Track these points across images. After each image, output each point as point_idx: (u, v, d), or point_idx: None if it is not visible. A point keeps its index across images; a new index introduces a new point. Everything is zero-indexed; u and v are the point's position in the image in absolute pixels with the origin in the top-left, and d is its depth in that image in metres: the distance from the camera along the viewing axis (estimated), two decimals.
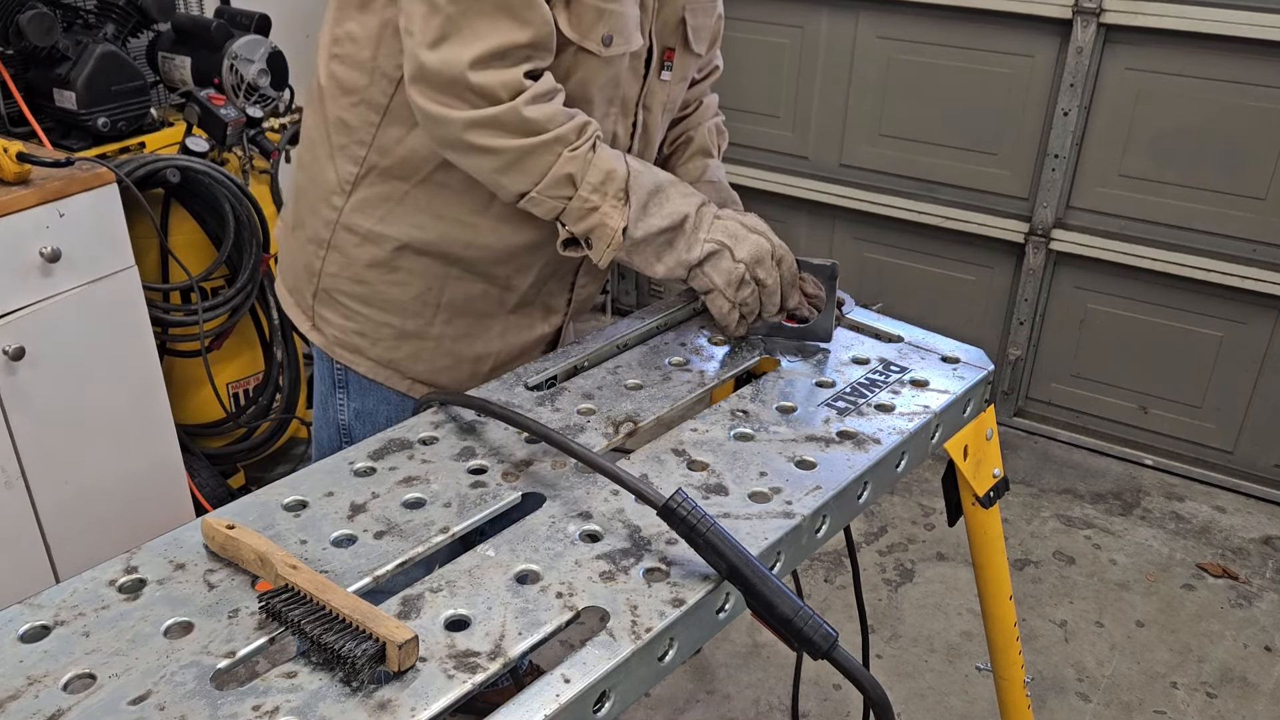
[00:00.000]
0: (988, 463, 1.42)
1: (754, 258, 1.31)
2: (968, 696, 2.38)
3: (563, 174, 1.26)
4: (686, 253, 1.31)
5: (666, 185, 1.32)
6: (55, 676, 0.83)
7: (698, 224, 1.32)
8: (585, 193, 1.27)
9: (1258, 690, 2.42)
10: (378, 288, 1.43)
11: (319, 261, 1.45)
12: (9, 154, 1.99)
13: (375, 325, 1.45)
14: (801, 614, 0.91)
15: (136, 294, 2.25)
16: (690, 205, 1.32)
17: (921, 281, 3.41)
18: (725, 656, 2.48)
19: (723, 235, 1.32)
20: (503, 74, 1.21)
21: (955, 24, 3.05)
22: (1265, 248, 2.87)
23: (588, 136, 1.27)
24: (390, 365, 1.47)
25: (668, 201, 1.31)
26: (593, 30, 1.27)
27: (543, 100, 1.24)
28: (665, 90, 1.46)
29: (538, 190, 1.27)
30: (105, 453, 2.28)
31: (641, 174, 1.30)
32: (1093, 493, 3.11)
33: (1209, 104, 2.80)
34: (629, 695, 0.89)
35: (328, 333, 1.48)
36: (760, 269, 1.32)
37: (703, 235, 1.31)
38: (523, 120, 1.22)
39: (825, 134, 3.40)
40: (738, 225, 1.33)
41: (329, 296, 1.46)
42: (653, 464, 1.13)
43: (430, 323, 1.45)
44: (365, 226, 1.40)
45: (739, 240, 1.32)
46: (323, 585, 0.88)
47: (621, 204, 1.28)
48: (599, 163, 1.27)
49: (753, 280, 1.32)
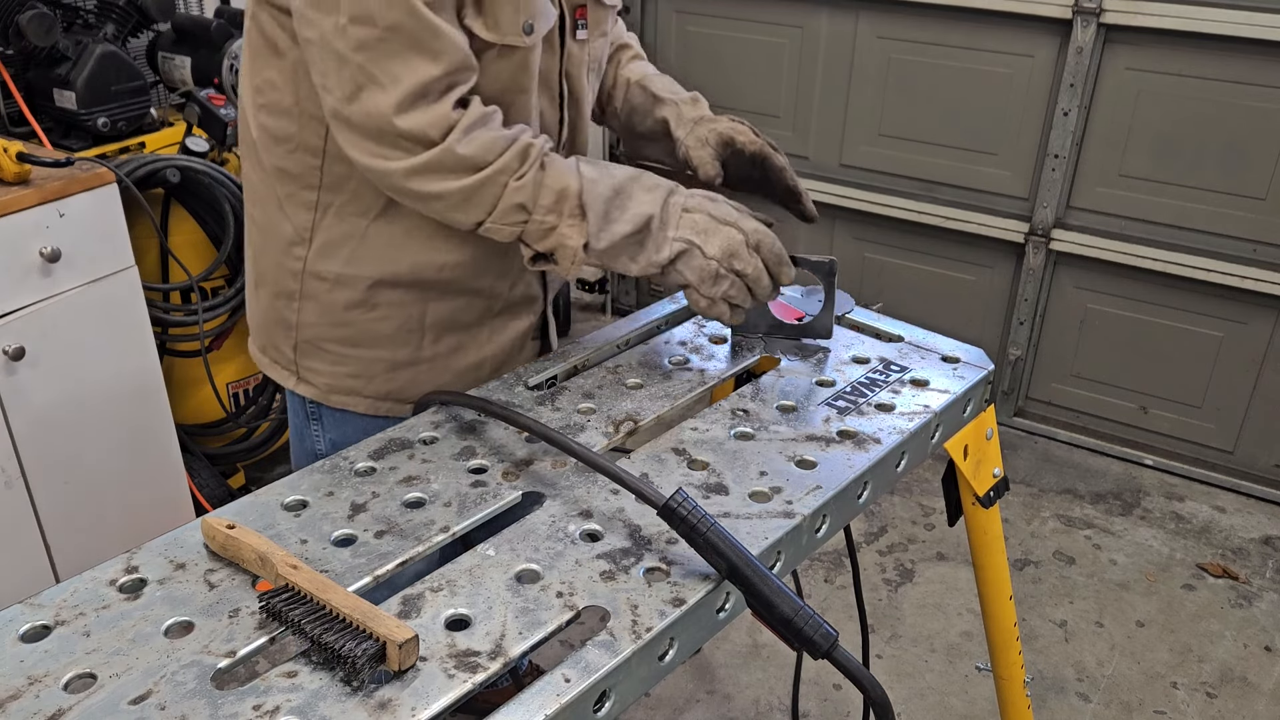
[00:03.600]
0: (988, 462, 1.42)
1: (726, 252, 1.25)
2: (968, 696, 2.38)
3: (512, 204, 1.22)
4: (656, 254, 1.26)
5: (627, 184, 1.26)
6: (56, 676, 0.83)
7: (664, 222, 1.25)
8: (540, 215, 1.23)
9: (1258, 690, 2.42)
10: (361, 327, 1.40)
11: (293, 315, 1.41)
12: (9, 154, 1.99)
13: (367, 363, 1.42)
14: (802, 614, 0.91)
15: (136, 294, 2.25)
16: (654, 204, 1.25)
17: (921, 281, 3.41)
18: (725, 656, 2.48)
19: (690, 232, 1.25)
20: (429, 113, 1.17)
21: (955, 24, 3.05)
22: (1265, 248, 2.87)
23: (532, 159, 1.22)
24: (389, 397, 1.44)
25: (631, 202, 1.25)
26: (512, 24, 1.23)
27: (477, 129, 1.20)
28: (585, 50, 1.41)
29: (491, 220, 1.24)
30: (105, 453, 2.27)
31: (597, 182, 1.24)
32: (1093, 493, 3.11)
33: (1209, 104, 2.80)
34: (629, 695, 0.89)
35: (318, 383, 1.45)
36: (736, 261, 1.25)
37: (670, 234, 1.25)
38: (460, 159, 1.19)
39: (825, 134, 3.40)
40: (706, 218, 1.26)
41: (312, 347, 1.43)
42: (653, 463, 1.13)
43: (420, 347, 1.42)
44: (334, 270, 1.36)
45: (708, 235, 1.25)
46: (323, 585, 0.88)
47: (579, 220, 1.24)
48: (550, 182, 1.23)
49: (730, 273, 1.26)
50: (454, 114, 1.18)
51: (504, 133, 1.21)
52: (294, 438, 1.55)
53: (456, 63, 1.18)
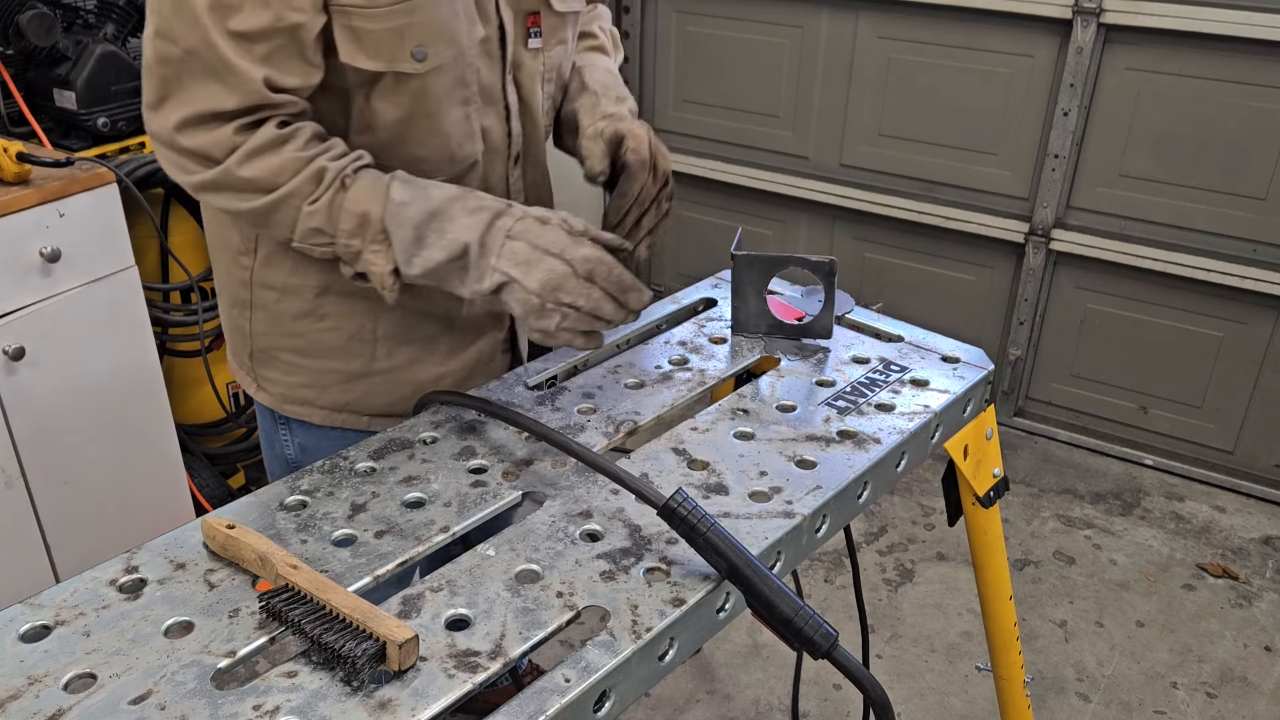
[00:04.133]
0: (988, 462, 1.42)
1: (547, 286, 1.14)
2: (968, 696, 2.38)
3: (309, 228, 1.18)
4: (478, 283, 1.17)
5: (447, 207, 1.17)
6: (56, 676, 0.83)
7: (484, 250, 1.16)
8: (343, 239, 1.18)
9: (1258, 690, 2.42)
10: (311, 337, 1.37)
11: (247, 323, 1.40)
12: (9, 154, 1.99)
13: (319, 374, 1.39)
14: (802, 614, 0.91)
15: (136, 294, 2.25)
16: (474, 229, 1.16)
17: (921, 281, 3.41)
18: (725, 656, 2.48)
19: (510, 265, 1.15)
20: (212, 135, 1.15)
21: (955, 24, 3.05)
22: (1265, 248, 2.87)
23: (327, 183, 1.16)
24: (345, 409, 1.42)
25: (450, 226, 1.16)
26: (396, 52, 1.18)
27: (263, 154, 1.15)
28: (539, 60, 1.36)
29: (296, 241, 1.20)
30: (105, 453, 2.28)
31: (407, 205, 1.16)
32: (1093, 493, 3.11)
33: (1209, 104, 2.80)
34: (629, 695, 0.89)
35: (274, 391, 1.43)
36: (562, 294, 1.14)
37: (491, 263, 1.16)
38: (243, 181, 1.16)
39: (825, 134, 3.40)
40: (528, 248, 1.15)
41: (266, 355, 1.41)
42: (653, 463, 1.13)
43: (373, 359, 1.39)
44: (280, 280, 1.34)
45: (529, 268, 1.14)
46: (323, 585, 0.88)
47: (384, 245, 1.17)
48: (350, 206, 1.16)
49: (558, 307, 1.15)
50: (238, 137, 1.15)
51: (300, 155, 1.16)
52: (264, 443, 1.53)
53: (249, 103, 1.14)
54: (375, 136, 1.25)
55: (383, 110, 1.23)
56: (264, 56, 1.13)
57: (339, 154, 1.19)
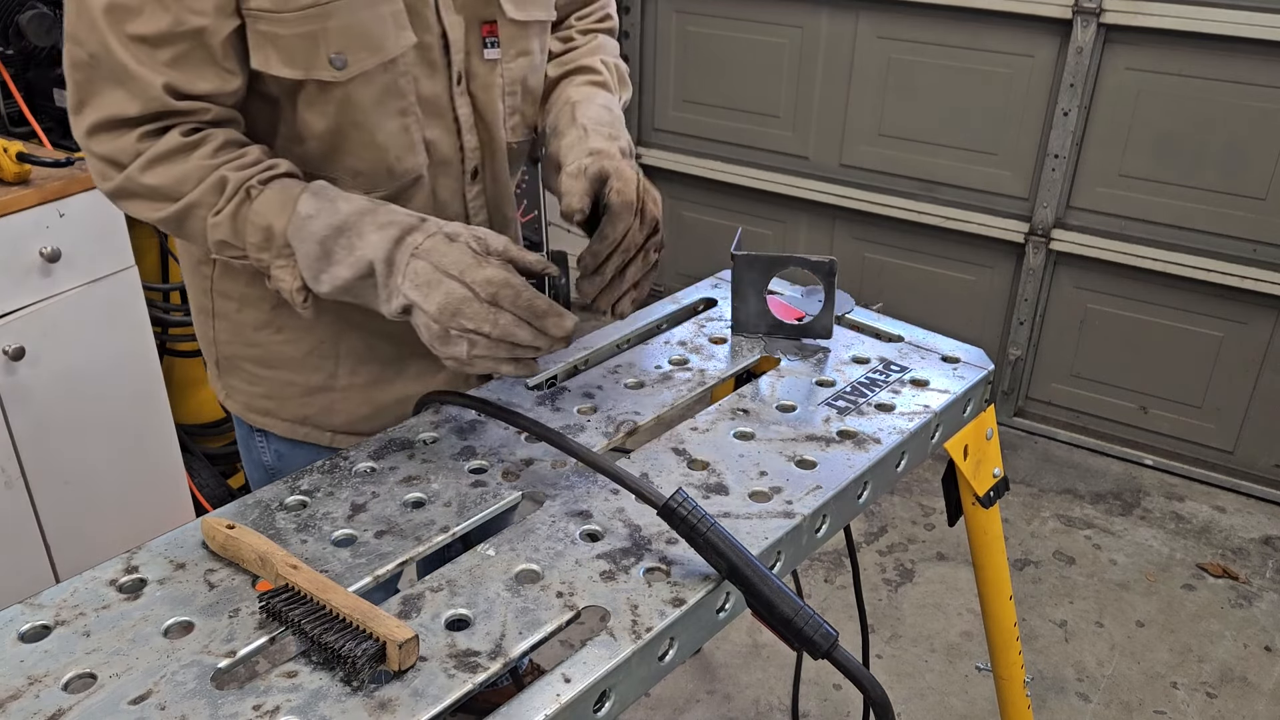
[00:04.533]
0: (988, 462, 1.42)
1: (446, 310, 1.07)
2: (968, 696, 2.38)
3: (217, 239, 1.14)
4: (388, 303, 1.11)
5: (356, 221, 1.11)
6: (56, 676, 0.83)
7: (391, 269, 1.09)
8: (253, 254, 1.14)
9: (1258, 690, 2.42)
10: (270, 348, 1.35)
11: (211, 331, 1.39)
12: (9, 154, 1.99)
13: (279, 386, 1.37)
14: (802, 614, 0.91)
15: (136, 294, 2.25)
16: (380, 248, 1.09)
17: (921, 281, 3.41)
18: (725, 656, 2.48)
19: (411, 287, 1.08)
20: (117, 141, 1.12)
21: (955, 24, 3.05)
22: (1265, 248, 2.87)
23: (229, 195, 1.12)
24: (306, 422, 1.39)
25: (358, 242, 1.10)
26: (313, 58, 1.13)
27: (166, 161, 1.12)
28: (496, 72, 1.29)
29: (214, 253, 1.17)
30: (105, 453, 2.28)
31: (312, 219, 1.10)
32: (1093, 493, 3.11)
33: (1209, 104, 2.80)
34: (629, 695, 0.89)
35: (238, 400, 1.42)
36: (463, 320, 1.07)
37: (397, 283, 1.09)
38: (146, 188, 1.13)
39: (825, 134, 3.40)
40: (429, 269, 1.07)
41: (230, 364, 1.40)
42: (653, 463, 1.13)
43: (334, 375, 1.36)
44: (238, 290, 1.32)
45: (429, 292, 1.07)
46: (323, 585, 0.88)
47: (289, 261, 1.13)
48: (255, 219, 1.12)
49: (463, 333, 1.07)
50: (141, 144, 1.12)
51: (205, 163, 1.12)
52: (241, 449, 1.51)
53: (151, 110, 1.11)
54: (308, 147, 1.21)
55: (311, 120, 1.19)
56: (169, 61, 1.09)
57: (248, 162, 1.14)
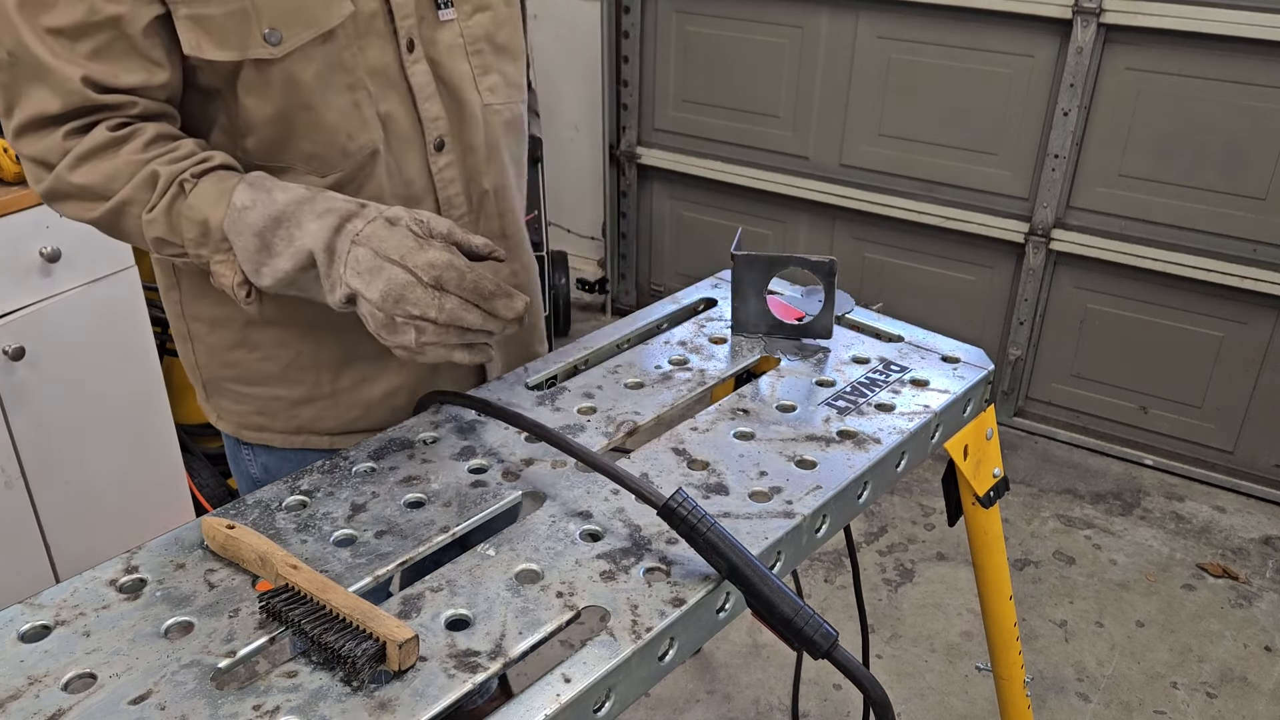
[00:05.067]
0: (988, 462, 1.42)
1: (389, 297, 1.02)
2: (968, 696, 2.38)
3: (154, 237, 1.11)
4: (332, 294, 1.07)
5: (294, 211, 1.07)
6: (55, 676, 0.83)
7: (332, 258, 1.06)
8: (191, 250, 1.10)
9: (1258, 690, 2.42)
10: (249, 367, 1.32)
11: (191, 355, 1.37)
12: (9, 154, 1.99)
13: (266, 401, 1.34)
14: (802, 614, 0.91)
15: (136, 294, 2.26)
16: (320, 236, 1.05)
17: (921, 281, 3.41)
18: (725, 656, 2.48)
19: (353, 275, 1.04)
20: (44, 141, 1.09)
21: (955, 24, 3.05)
22: (1265, 248, 2.87)
23: (161, 190, 1.08)
24: (301, 430, 1.37)
25: (298, 232, 1.06)
26: (245, 36, 1.09)
27: (94, 158, 1.09)
28: (455, 31, 1.25)
29: (154, 252, 1.14)
30: (105, 453, 2.28)
31: (249, 210, 1.07)
32: (1093, 493, 3.11)
33: (1209, 104, 2.80)
34: (629, 695, 0.89)
35: (230, 420, 1.39)
36: (408, 306, 1.02)
37: (338, 272, 1.05)
38: (77, 187, 1.10)
39: (825, 134, 3.40)
40: (370, 255, 1.04)
41: (215, 386, 1.37)
42: (653, 463, 1.13)
43: (318, 384, 1.33)
44: (207, 312, 1.30)
45: (371, 278, 1.03)
46: (323, 585, 0.88)
47: (229, 255, 1.09)
48: (190, 214, 1.08)
49: (410, 320, 1.03)
50: (68, 142, 1.09)
51: (135, 159, 1.09)
52: (230, 461, 1.49)
53: (77, 102, 1.08)
54: (258, 137, 1.17)
55: (254, 107, 1.15)
56: (88, 54, 1.06)
57: (180, 155, 1.11)
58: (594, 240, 4.11)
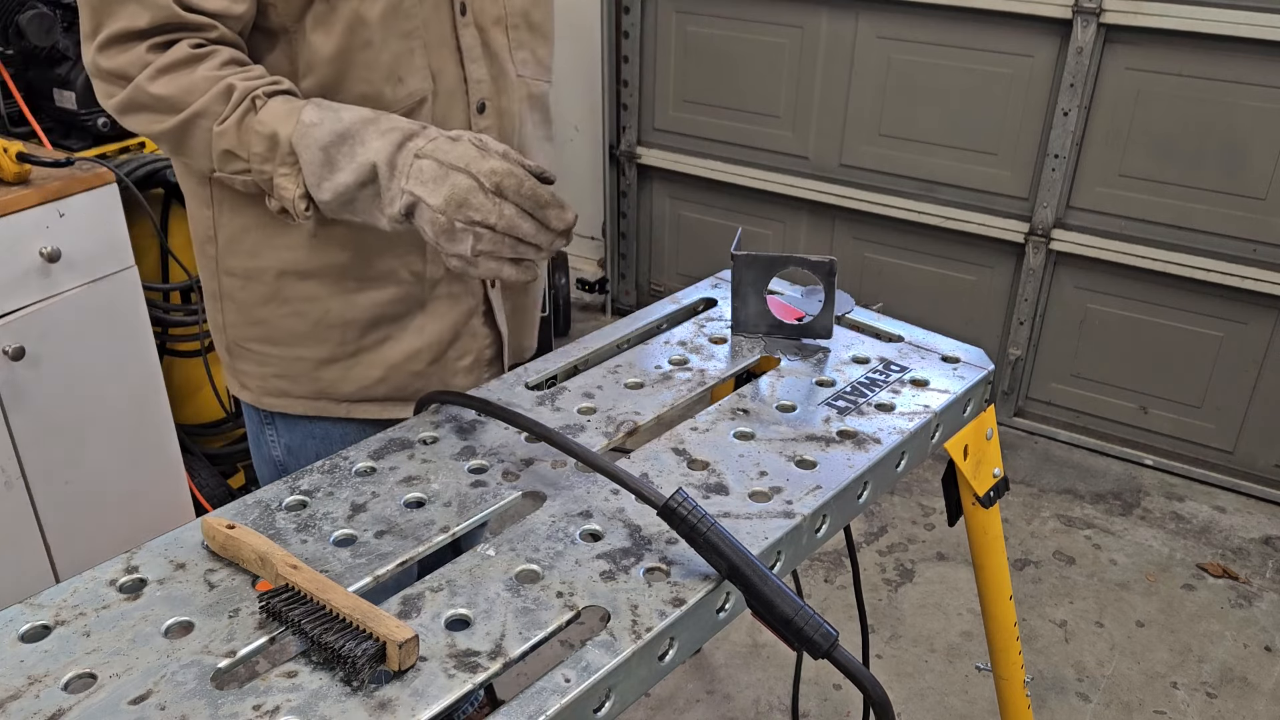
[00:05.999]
0: (988, 462, 1.42)
1: (452, 202, 1.08)
2: (968, 696, 2.38)
3: (221, 150, 1.15)
4: (389, 207, 1.12)
5: (359, 129, 1.13)
6: (56, 676, 0.83)
7: (394, 171, 1.11)
8: (256, 164, 1.15)
9: (1258, 690, 2.42)
10: (276, 324, 1.36)
11: (220, 316, 1.40)
12: (9, 154, 1.99)
13: (289, 362, 1.38)
14: (802, 613, 0.91)
15: (136, 294, 2.25)
16: (382, 151, 1.11)
17: (921, 281, 3.41)
18: (725, 656, 2.48)
19: (417, 184, 1.10)
20: (129, 53, 1.14)
21: (955, 24, 3.05)
22: (1265, 248, 2.87)
23: (235, 103, 1.13)
24: (320, 395, 1.40)
25: (360, 149, 1.12)
26: None
27: (174, 71, 1.14)
28: (499, 3, 1.33)
29: (217, 169, 1.18)
30: (105, 453, 2.28)
31: (316, 125, 1.12)
32: (1093, 493, 3.11)
33: (1209, 104, 2.80)
34: (629, 695, 0.89)
35: (252, 385, 1.42)
36: (470, 211, 1.07)
37: (401, 184, 1.11)
38: (153, 98, 1.14)
39: (825, 134, 3.40)
40: (435, 166, 1.09)
41: (240, 349, 1.40)
42: (653, 463, 1.13)
43: (343, 343, 1.37)
44: (242, 265, 1.33)
45: (435, 184, 1.09)
46: (323, 585, 0.88)
47: (293, 169, 1.14)
48: (259, 128, 1.13)
49: (469, 226, 1.08)
50: (150, 55, 1.14)
51: (211, 74, 1.14)
52: (251, 445, 1.52)
53: (164, 17, 1.14)
54: (318, 76, 1.23)
55: (319, 44, 1.21)
56: None
57: (255, 75, 1.16)
58: (594, 240, 4.11)
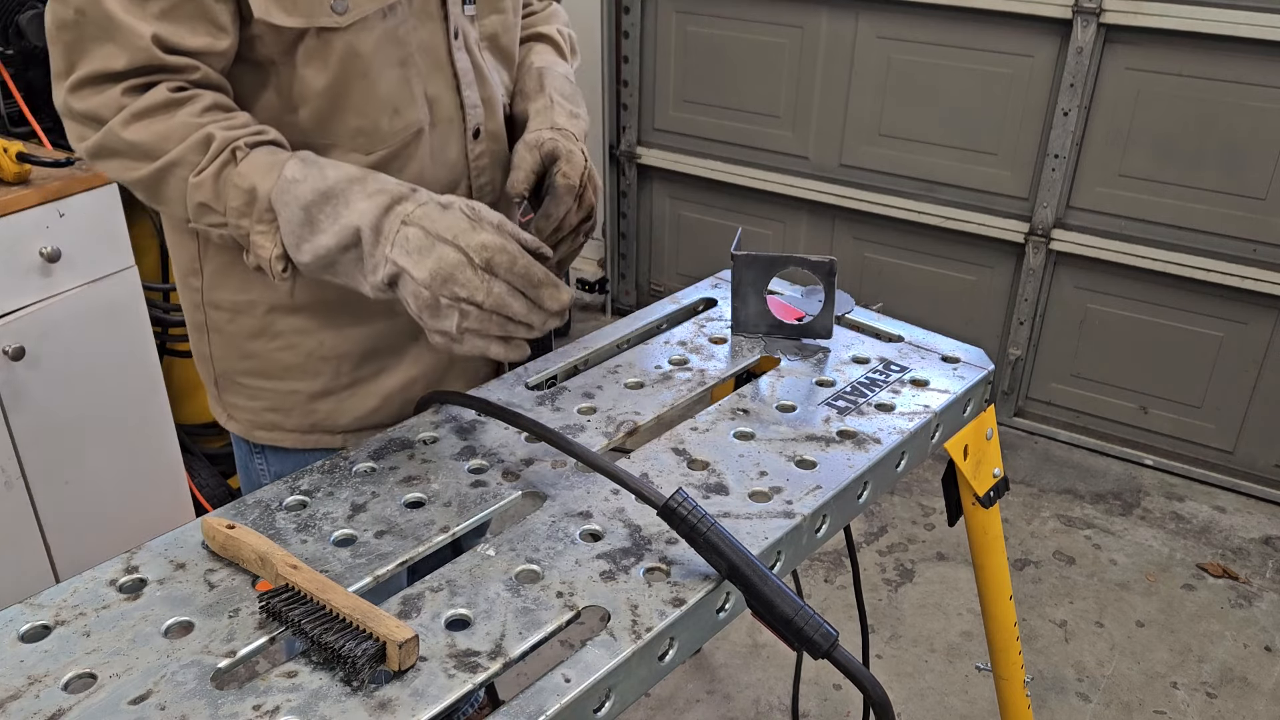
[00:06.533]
0: (988, 462, 1.42)
1: (438, 276, 1.02)
2: (968, 696, 2.38)
3: (196, 202, 1.09)
4: (373, 274, 1.06)
5: (344, 188, 1.07)
6: (56, 676, 0.83)
7: (378, 237, 1.05)
8: (232, 219, 1.09)
9: (1258, 690, 2.42)
10: (268, 358, 1.31)
11: (206, 348, 1.35)
12: (9, 154, 1.99)
13: (282, 396, 1.33)
14: (802, 613, 0.91)
15: (136, 294, 2.25)
16: (368, 214, 1.05)
17: (921, 281, 3.41)
18: (725, 656, 2.48)
19: (401, 254, 1.04)
20: (100, 96, 1.09)
21: (955, 24, 3.05)
22: (1265, 248, 2.87)
23: (213, 154, 1.08)
24: (314, 429, 1.36)
25: (345, 209, 1.06)
26: (315, 5, 1.11)
27: (150, 116, 1.08)
28: (475, 27, 1.29)
29: (192, 221, 1.12)
30: (105, 453, 2.28)
31: (298, 183, 1.06)
32: (1093, 493, 3.11)
33: (1209, 104, 2.80)
34: (629, 695, 0.89)
35: (241, 419, 1.37)
36: (455, 287, 1.02)
37: (383, 251, 1.05)
38: (127, 144, 1.09)
39: (825, 134, 3.40)
40: (421, 234, 1.03)
41: (229, 381, 1.35)
42: (653, 463, 1.13)
43: (336, 376, 1.32)
44: (230, 299, 1.28)
45: (420, 257, 1.03)
46: (323, 585, 0.88)
47: (270, 226, 1.08)
48: (238, 181, 1.07)
49: (455, 302, 1.03)
50: (125, 99, 1.08)
51: (191, 121, 1.08)
52: (240, 470, 1.47)
53: (143, 60, 1.07)
54: (311, 109, 1.18)
55: (311, 78, 1.15)
56: (159, 13, 1.07)
57: (237, 124, 1.10)
58: (594, 240, 4.11)
